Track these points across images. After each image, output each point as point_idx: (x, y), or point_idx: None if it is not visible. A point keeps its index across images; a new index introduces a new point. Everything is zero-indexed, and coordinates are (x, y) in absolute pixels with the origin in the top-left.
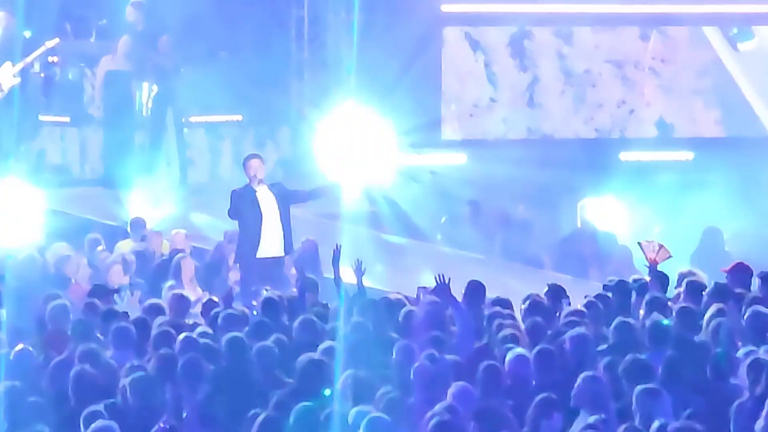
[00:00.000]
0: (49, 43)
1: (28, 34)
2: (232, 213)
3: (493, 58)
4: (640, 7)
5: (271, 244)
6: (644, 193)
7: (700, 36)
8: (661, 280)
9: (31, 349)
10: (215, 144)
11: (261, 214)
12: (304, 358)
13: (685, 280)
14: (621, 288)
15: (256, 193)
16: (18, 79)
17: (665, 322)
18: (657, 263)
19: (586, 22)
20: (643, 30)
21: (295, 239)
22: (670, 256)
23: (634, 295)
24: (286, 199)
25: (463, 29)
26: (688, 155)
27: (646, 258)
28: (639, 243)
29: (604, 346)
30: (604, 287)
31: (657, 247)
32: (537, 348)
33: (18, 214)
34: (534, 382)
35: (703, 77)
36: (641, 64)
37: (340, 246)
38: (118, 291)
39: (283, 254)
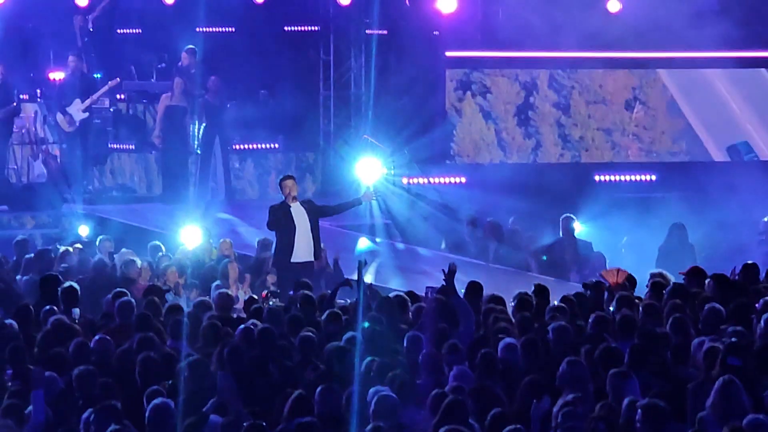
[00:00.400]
0: (111, 83)
1: (98, 75)
2: (270, 225)
3: (502, 126)
4: (615, 53)
5: (302, 251)
6: (615, 207)
7: (675, 107)
8: (630, 281)
9: (108, 338)
10: (256, 168)
11: (294, 225)
12: (331, 346)
13: (650, 280)
14: (597, 288)
15: (290, 208)
16: (86, 114)
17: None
18: (619, 284)
19: (575, 64)
20: (628, 101)
21: None
22: (628, 274)
23: (606, 293)
24: (315, 214)
25: (477, 101)
26: (652, 176)
27: (609, 284)
28: (600, 273)
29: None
30: (583, 286)
31: (616, 272)
32: (525, 338)
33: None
34: (522, 367)
35: (678, 141)
36: (626, 131)
37: (364, 261)
38: (169, 290)
39: (312, 259)
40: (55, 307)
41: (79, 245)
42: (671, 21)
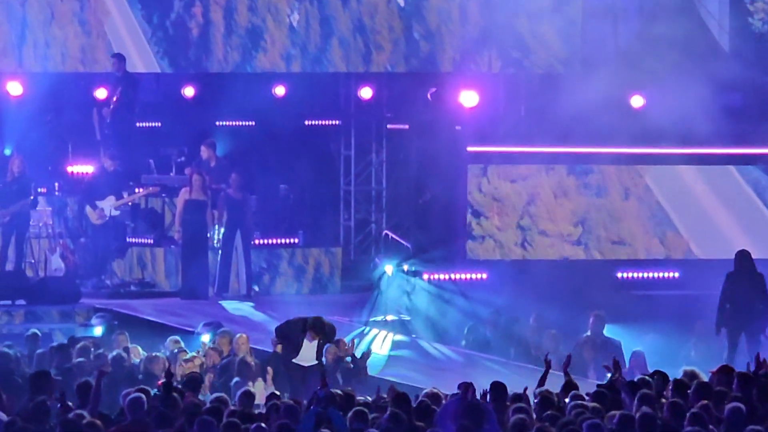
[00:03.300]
0: (152, 189)
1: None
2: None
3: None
4: (638, 149)
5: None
6: (637, 305)
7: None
8: (663, 377)
9: None
10: (276, 263)
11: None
12: None
13: (673, 379)
14: (612, 387)
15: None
16: (118, 212)
17: None
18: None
19: (597, 160)
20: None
21: None
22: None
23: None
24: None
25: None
26: (675, 273)
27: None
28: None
29: None
30: (598, 386)
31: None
32: None
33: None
34: None
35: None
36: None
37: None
38: (179, 387)
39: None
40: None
41: (93, 339)
42: (694, 117)
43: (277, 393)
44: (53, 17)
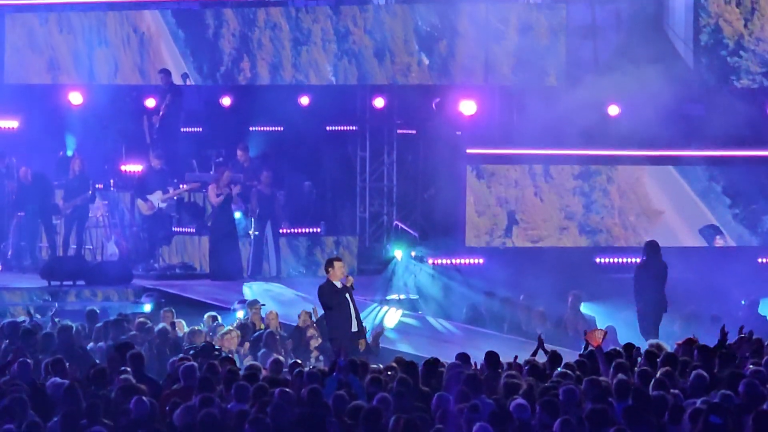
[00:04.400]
0: (193, 185)
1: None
2: (328, 305)
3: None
4: (614, 151)
5: (356, 322)
6: (613, 286)
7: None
8: (628, 349)
9: (144, 399)
10: (301, 249)
11: (349, 302)
12: (360, 404)
13: (645, 349)
14: (591, 356)
15: (340, 287)
16: (165, 204)
17: None
18: (599, 344)
19: (579, 161)
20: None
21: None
22: (606, 333)
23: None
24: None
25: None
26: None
27: (591, 344)
28: (585, 331)
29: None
30: (579, 356)
31: (601, 335)
32: (539, 399)
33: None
34: (536, 423)
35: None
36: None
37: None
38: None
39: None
40: (128, 369)
41: (143, 315)
42: (662, 123)
43: (299, 362)
44: (117, 68)
